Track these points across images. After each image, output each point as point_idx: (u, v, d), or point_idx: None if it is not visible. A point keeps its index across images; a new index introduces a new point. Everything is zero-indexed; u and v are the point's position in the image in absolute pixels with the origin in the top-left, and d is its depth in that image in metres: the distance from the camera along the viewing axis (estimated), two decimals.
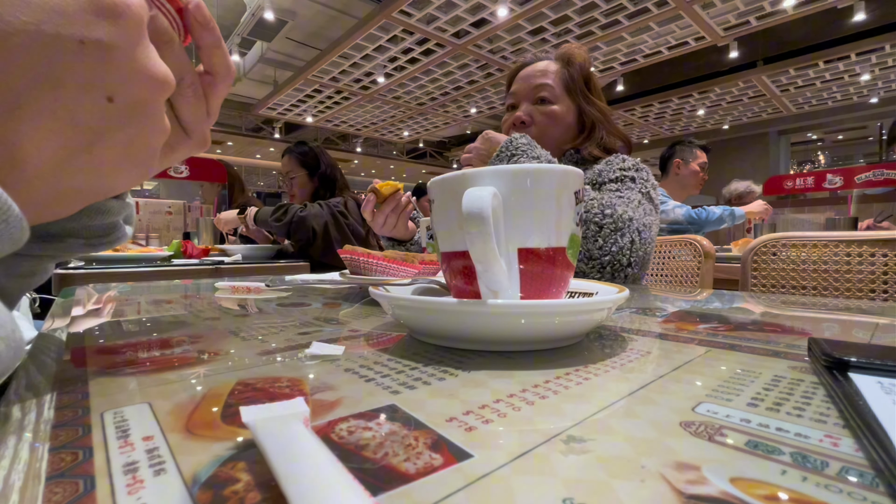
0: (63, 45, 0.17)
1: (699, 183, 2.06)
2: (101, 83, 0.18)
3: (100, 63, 0.18)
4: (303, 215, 1.58)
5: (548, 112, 0.88)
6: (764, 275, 1.03)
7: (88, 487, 0.12)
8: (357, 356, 0.26)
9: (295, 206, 1.61)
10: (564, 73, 0.89)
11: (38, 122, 0.17)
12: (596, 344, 0.29)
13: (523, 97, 0.91)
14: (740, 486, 0.12)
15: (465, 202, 0.24)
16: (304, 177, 1.80)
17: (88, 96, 0.18)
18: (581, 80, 0.89)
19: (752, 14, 4.64)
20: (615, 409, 0.18)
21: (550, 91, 0.88)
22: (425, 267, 0.53)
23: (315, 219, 1.60)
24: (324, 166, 1.82)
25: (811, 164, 11.64)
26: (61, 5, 0.17)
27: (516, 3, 4.56)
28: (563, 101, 0.89)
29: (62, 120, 0.18)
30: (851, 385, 0.18)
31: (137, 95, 0.20)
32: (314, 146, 1.85)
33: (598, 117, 0.89)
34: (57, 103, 0.17)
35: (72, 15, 0.17)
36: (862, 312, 0.43)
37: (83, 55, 0.18)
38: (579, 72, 0.89)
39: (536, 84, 0.89)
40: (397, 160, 12.43)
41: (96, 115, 0.19)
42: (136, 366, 0.24)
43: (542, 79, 0.89)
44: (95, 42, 0.18)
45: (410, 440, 0.15)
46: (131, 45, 0.19)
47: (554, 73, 0.89)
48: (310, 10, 5.80)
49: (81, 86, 0.18)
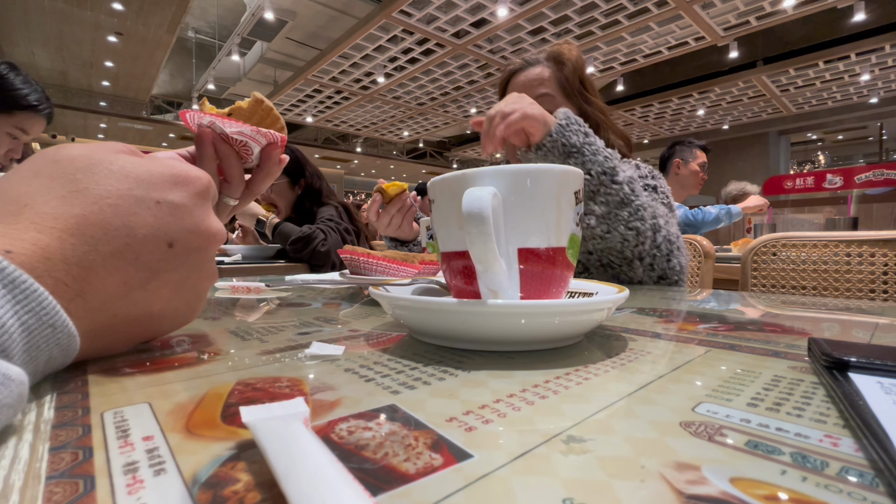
0: (144, 204, 0.23)
1: (699, 183, 2.05)
2: (165, 232, 0.23)
3: (168, 217, 0.23)
4: (324, 251, 1.47)
5: None
6: (764, 275, 1.03)
7: (88, 487, 0.12)
8: (357, 356, 0.26)
9: (317, 240, 1.48)
10: (560, 76, 0.85)
11: (108, 262, 0.21)
12: (596, 344, 0.29)
13: None
14: (740, 486, 0.12)
15: (465, 202, 0.24)
16: (285, 185, 1.62)
17: (153, 241, 0.23)
18: (576, 80, 0.85)
19: (752, 14, 4.64)
20: (615, 409, 0.18)
21: (550, 101, 0.84)
22: (425, 267, 0.53)
23: (334, 249, 1.48)
24: (308, 175, 1.65)
25: (811, 164, 11.65)
26: (147, 176, 0.23)
27: (516, 3, 4.56)
28: (564, 106, 0.85)
29: (128, 259, 0.22)
30: (851, 385, 0.18)
31: (193, 244, 0.24)
32: (296, 150, 1.68)
33: (599, 117, 0.86)
34: (127, 247, 0.22)
35: (156, 183, 0.24)
36: (862, 312, 0.43)
37: (157, 210, 0.23)
38: (573, 72, 0.85)
39: (537, 96, 0.83)
40: (397, 160, 12.42)
41: (156, 255, 0.23)
42: (136, 366, 0.24)
43: (541, 88, 0.84)
44: (168, 202, 0.24)
45: (410, 440, 0.15)
46: (195, 205, 0.25)
47: (550, 79, 0.85)
48: (310, 10, 5.80)
49: (149, 234, 0.22)
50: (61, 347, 0.19)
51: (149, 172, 0.24)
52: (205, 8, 6.65)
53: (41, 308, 0.18)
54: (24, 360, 0.17)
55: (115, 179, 0.22)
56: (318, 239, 1.49)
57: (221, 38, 7.29)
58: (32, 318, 0.18)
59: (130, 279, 0.22)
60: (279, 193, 1.64)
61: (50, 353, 0.19)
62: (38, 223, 0.20)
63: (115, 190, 0.22)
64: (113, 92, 8.60)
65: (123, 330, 0.24)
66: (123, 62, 7.13)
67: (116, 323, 0.23)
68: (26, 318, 0.17)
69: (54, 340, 0.19)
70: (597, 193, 0.64)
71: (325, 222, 1.57)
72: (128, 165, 0.23)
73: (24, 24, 5.91)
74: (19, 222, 0.20)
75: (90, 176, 0.22)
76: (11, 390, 0.15)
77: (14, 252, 0.18)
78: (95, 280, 0.21)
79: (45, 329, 0.18)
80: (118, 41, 6.40)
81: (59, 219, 0.20)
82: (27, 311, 0.17)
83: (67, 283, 0.20)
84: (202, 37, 7.56)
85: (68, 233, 0.20)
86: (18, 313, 0.17)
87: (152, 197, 0.23)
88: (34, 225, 0.20)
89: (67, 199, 0.21)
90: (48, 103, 1.16)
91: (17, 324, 0.17)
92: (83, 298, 0.21)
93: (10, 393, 0.14)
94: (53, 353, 0.19)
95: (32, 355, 0.18)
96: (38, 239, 0.19)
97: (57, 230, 0.20)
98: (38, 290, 0.18)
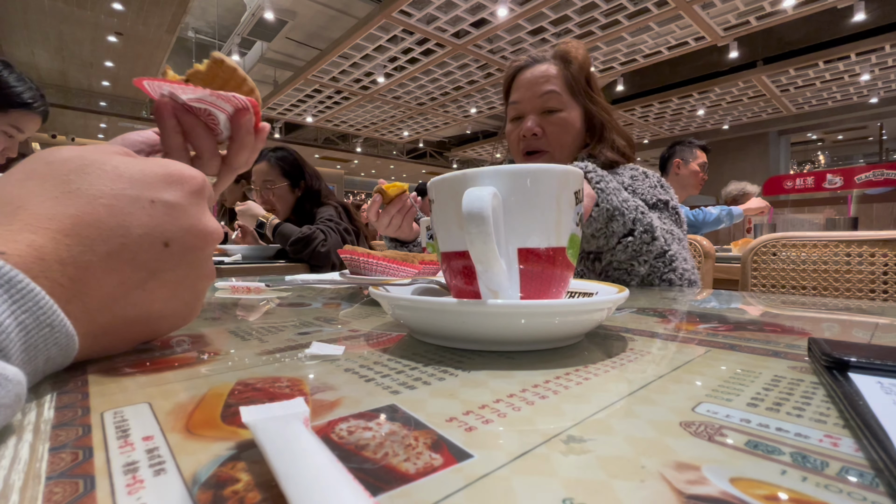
0: (139, 203, 0.22)
1: (699, 183, 2.05)
2: (161, 231, 0.23)
3: (163, 216, 0.23)
4: (324, 252, 1.47)
5: (558, 121, 0.83)
6: (764, 275, 1.03)
7: (88, 487, 0.12)
8: (357, 356, 0.26)
9: (317, 241, 1.48)
10: (567, 74, 0.84)
11: (104, 262, 0.21)
12: (596, 344, 0.29)
13: (529, 108, 0.85)
14: (740, 486, 0.12)
15: (465, 202, 0.24)
16: (285, 188, 1.63)
17: (148, 241, 0.22)
18: (583, 79, 0.84)
19: (752, 14, 4.64)
20: (615, 409, 0.18)
21: (557, 99, 0.83)
22: (425, 267, 0.53)
23: (334, 249, 1.48)
24: (308, 176, 1.65)
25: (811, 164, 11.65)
26: (140, 176, 0.23)
27: (516, 3, 4.56)
28: (570, 105, 0.84)
29: (124, 260, 0.22)
30: (851, 385, 0.18)
31: (189, 243, 0.24)
32: (294, 152, 1.69)
33: (604, 117, 0.85)
34: (123, 247, 0.22)
35: (150, 183, 0.23)
36: (862, 312, 0.43)
37: (152, 210, 0.23)
38: (580, 71, 0.84)
39: (543, 93, 0.83)
40: (397, 160, 12.42)
41: (153, 256, 0.23)
42: (136, 366, 0.24)
43: (547, 85, 0.83)
44: (163, 201, 0.23)
45: (410, 440, 0.15)
46: (190, 204, 0.25)
47: (556, 76, 0.84)
48: (310, 10, 5.80)
49: (145, 234, 0.22)
50: (60, 347, 0.19)
51: (142, 172, 0.23)
52: (205, 8, 6.65)
53: (38, 307, 0.18)
54: (22, 360, 0.17)
55: (108, 180, 0.22)
56: (318, 239, 1.49)
57: (221, 38, 7.29)
58: (30, 317, 0.18)
59: (128, 279, 0.22)
60: (280, 197, 1.64)
61: (48, 353, 0.19)
62: (33, 224, 0.20)
63: (108, 190, 0.22)
64: (113, 92, 8.60)
65: (123, 330, 0.24)
66: (123, 62, 7.13)
67: (116, 323, 0.23)
68: (23, 318, 0.17)
69: (52, 340, 0.19)
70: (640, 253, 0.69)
71: (324, 222, 1.57)
72: (121, 166, 0.23)
73: (24, 24, 5.91)
74: (13, 224, 0.20)
75: (83, 177, 0.22)
76: (8, 391, 0.15)
77: (8, 253, 0.18)
78: (92, 281, 0.21)
79: (43, 329, 0.18)
80: (118, 41, 6.40)
81: (54, 220, 0.20)
82: (24, 311, 0.17)
83: (63, 283, 0.20)
84: (202, 37, 7.56)
85: (63, 234, 0.20)
86: (15, 313, 0.17)
87: (146, 196, 0.23)
88: (28, 226, 0.20)
89: (61, 201, 0.21)
90: (43, 101, 1.16)
91: (14, 323, 0.17)
92: (81, 299, 0.21)
93: (6, 393, 0.14)
94: (52, 352, 0.19)
95: (31, 355, 0.18)
96: (32, 240, 0.19)
97: (51, 231, 0.20)
98: (35, 289, 0.18)
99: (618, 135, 0.87)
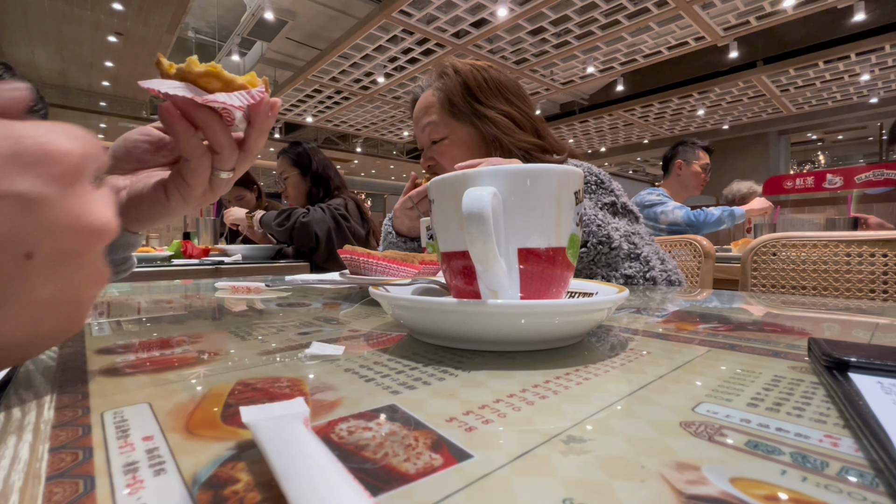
0: None
1: (700, 184, 2.05)
2: (19, 239, 0.16)
3: (19, 217, 0.15)
4: (305, 221, 1.54)
5: (444, 150, 0.83)
6: (764, 275, 1.03)
7: (88, 487, 0.12)
8: (357, 356, 0.26)
9: (298, 211, 1.57)
10: (442, 97, 0.82)
11: None
12: (596, 344, 0.29)
13: (421, 141, 0.87)
14: (740, 486, 0.12)
15: (465, 202, 0.24)
16: (296, 176, 1.79)
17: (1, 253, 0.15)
18: (463, 95, 0.80)
19: (752, 14, 4.64)
20: (615, 410, 0.18)
21: (435, 128, 0.83)
22: (425, 267, 0.53)
23: (318, 224, 1.56)
24: (315, 165, 1.80)
25: (811, 164, 11.65)
26: None
27: (516, 3, 4.56)
28: (455, 128, 0.82)
29: None
30: (851, 385, 0.18)
31: (65, 247, 0.17)
32: (308, 146, 1.83)
33: (495, 132, 0.79)
34: None
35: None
36: (862, 312, 0.43)
37: None
38: (459, 88, 0.80)
39: (424, 126, 0.84)
40: (397, 160, 12.42)
41: (9, 272, 0.16)
42: (136, 366, 0.24)
43: (426, 117, 0.84)
44: (16, 195, 0.15)
45: (410, 440, 0.15)
46: (62, 195, 0.16)
47: (434, 104, 0.83)
48: (310, 10, 5.80)
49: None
50: None
51: None
52: (205, 8, 6.65)
53: None
54: None
55: None
56: (299, 211, 1.58)
57: (221, 38, 7.29)
58: None
59: None
60: (293, 184, 1.79)
61: None
62: None
63: None
64: (113, 92, 8.60)
65: None
66: (123, 62, 7.13)
67: None
68: None
69: None
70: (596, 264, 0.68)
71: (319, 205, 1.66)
72: None
73: (24, 24, 5.91)
74: None
75: None
76: None
77: None
78: None
79: None
80: (118, 41, 6.40)
81: None
82: None
83: None
84: (202, 37, 7.56)
85: None
86: None
87: None
88: None
89: None
90: (43, 104, 1.16)
91: None
92: None
93: None
94: None
95: None
96: None
97: None
98: None
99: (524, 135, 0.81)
